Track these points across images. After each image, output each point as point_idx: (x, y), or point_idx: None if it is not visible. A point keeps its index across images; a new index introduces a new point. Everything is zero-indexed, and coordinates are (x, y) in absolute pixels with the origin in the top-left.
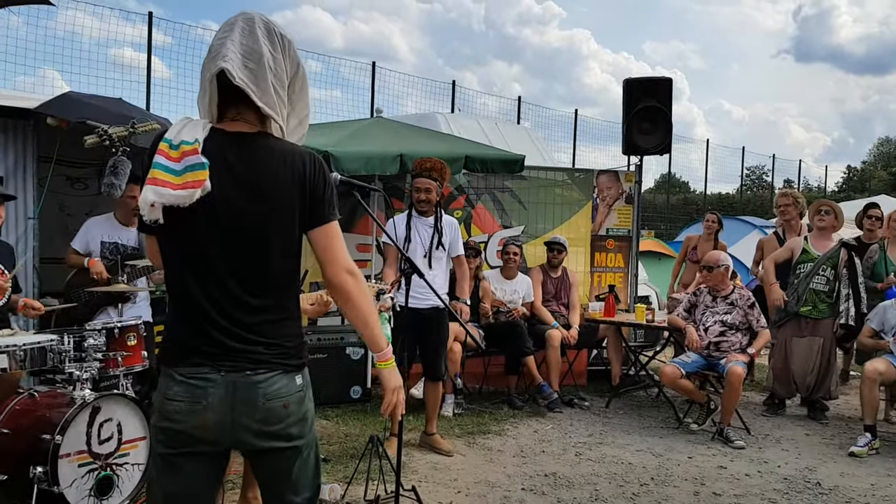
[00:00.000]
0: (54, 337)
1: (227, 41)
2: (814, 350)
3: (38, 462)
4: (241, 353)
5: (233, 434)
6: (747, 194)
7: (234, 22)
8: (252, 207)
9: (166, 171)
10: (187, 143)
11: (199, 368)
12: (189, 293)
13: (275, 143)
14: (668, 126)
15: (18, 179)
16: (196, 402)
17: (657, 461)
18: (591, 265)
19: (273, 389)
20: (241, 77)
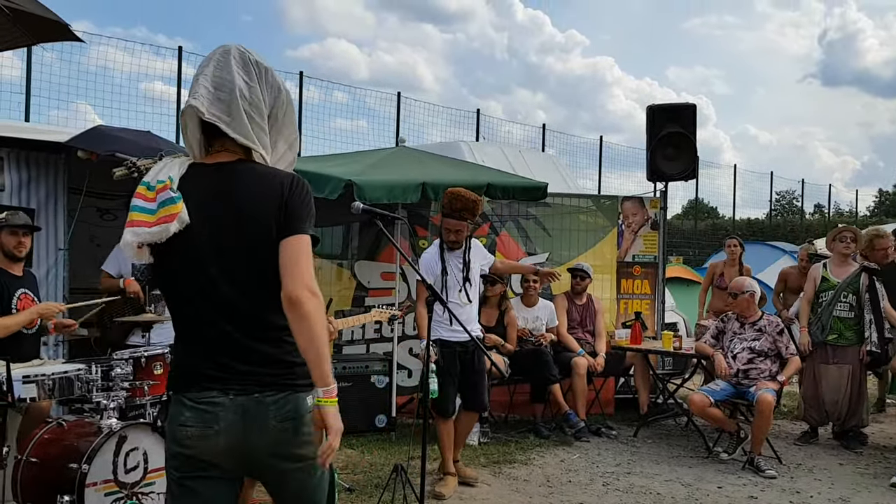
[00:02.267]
0: (82, 366)
1: (200, 77)
2: (843, 377)
3: (65, 491)
4: (249, 375)
5: (246, 458)
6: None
7: (211, 55)
8: (239, 233)
9: (142, 212)
10: (161, 181)
11: (208, 393)
12: (191, 321)
13: (255, 168)
14: (692, 152)
15: (49, 211)
16: (208, 427)
17: (686, 491)
18: (617, 292)
19: (284, 411)
20: (210, 112)
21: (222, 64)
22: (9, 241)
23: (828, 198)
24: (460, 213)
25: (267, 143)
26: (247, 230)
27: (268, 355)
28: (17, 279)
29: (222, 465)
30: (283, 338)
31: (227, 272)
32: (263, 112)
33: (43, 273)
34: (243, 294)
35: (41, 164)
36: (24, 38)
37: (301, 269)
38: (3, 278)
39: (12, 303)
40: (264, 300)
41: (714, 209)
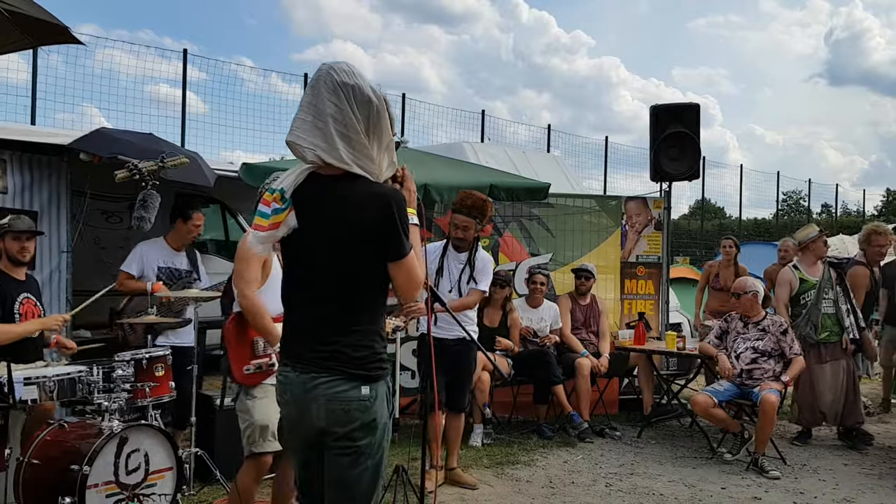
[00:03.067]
0: (83, 368)
1: (301, 108)
2: (838, 375)
3: (66, 492)
4: (313, 357)
5: (307, 429)
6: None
7: (315, 80)
8: (335, 240)
9: (261, 216)
10: (277, 190)
11: (285, 368)
12: (286, 308)
13: (358, 184)
14: (696, 152)
15: (52, 214)
16: (282, 394)
17: (690, 492)
18: (621, 292)
19: (332, 392)
20: (308, 141)
21: (316, 92)
22: (12, 247)
23: (835, 197)
24: (469, 211)
25: (372, 156)
26: (341, 238)
27: (330, 344)
28: (19, 284)
29: (299, 432)
30: (349, 331)
31: (314, 269)
32: (359, 129)
33: (46, 275)
34: (325, 291)
35: (44, 167)
36: (23, 40)
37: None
38: (6, 284)
39: (15, 308)
40: (349, 301)
41: (721, 209)
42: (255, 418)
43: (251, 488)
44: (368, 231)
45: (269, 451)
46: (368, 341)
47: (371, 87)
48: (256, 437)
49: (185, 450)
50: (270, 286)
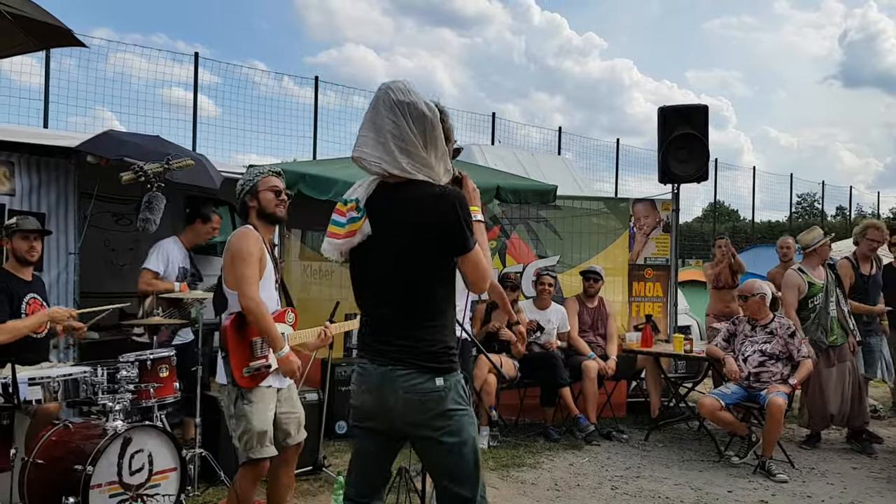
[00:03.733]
0: (87, 368)
1: (364, 124)
2: (845, 376)
3: (69, 492)
4: (388, 352)
5: (386, 418)
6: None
7: (375, 98)
8: (401, 241)
9: (336, 225)
10: (349, 200)
11: (362, 360)
12: (363, 307)
13: (424, 187)
14: (704, 153)
15: (60, 215)
16: (360, 384)
17: (696, 495)
18: (629, 295)
19: (408, 384)
20: (372, 155)
21: (375, 110)
22: (20, 246)
23: (849, 200)
24: None
25: (431, 165)
26: (408, 239)
27: (405, 338)
28: (26, 284)
29: (373, 419)
30: (422, 326)
31: (393, 272)
32: (417, 143)
33: (53, 277)
34: (397, 290)
35: (51, 169)
36: (27, 43)
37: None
38: (13, 284)
39: (21, 308)
40: (420, 298)
41: (734, 212)
42: (253, 424)
43: (250, 492)
44: (433, 229)
45: (267, 456)
46: (440, 335)
47: (425, 102)
48: (255, 444)
49: (189, 450)
50: (265, 285)
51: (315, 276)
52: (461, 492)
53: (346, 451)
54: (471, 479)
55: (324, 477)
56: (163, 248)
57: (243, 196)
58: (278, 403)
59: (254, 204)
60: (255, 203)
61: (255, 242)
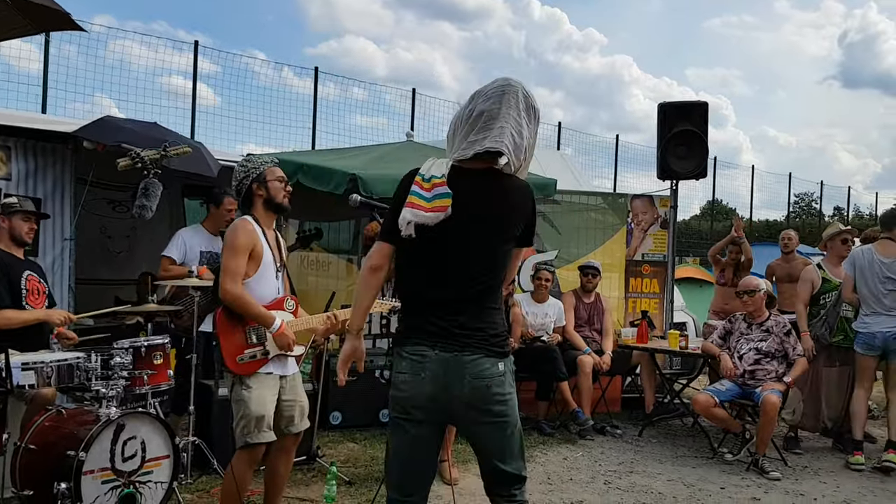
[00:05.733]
0: (81, 354)
1: (502, 116)
2: (844, 380)
3: (62, 478)
4: (457, 336)
5: (445, 405)
6: (795, 221)
7: (504, 92)
8: (489, 228)
9: (419, 198)
10: (436, 176)
11: (421, 347)
12: (422, 289)
13: (504, 180)
14: (703, 150)
15: (56, 201)
16: (418, 372)
17: (688, 492)
18: (625, 290)
19: (477, 370)
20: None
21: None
22: (21, 226)
23: (847, 200)
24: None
25: (522, 165)
26: (495, 227)
27: (471, 325)
28: (21, 262)
29: (427, 408)
30: (487, 311)
31: (458, 256)
32: (531, 148)
33: (48, 263)
34: (466, 275)
35: (48, 154)
36: (26, 27)
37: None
38: (10, 262)
39: (21, 285)
40: (490, 284)
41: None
42: (251, 409)
43: (246, 477)
44: (520, 220)
45: (264, 441)
46: (500, 320)
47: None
48: (252, 428)
49: (182, 438)
50: (264, 274)
51: (312, 267)
52: (514, 470)
53: (339, 441)
54: (522, 455)
55: (317, 467)
56: (180, 236)
57: (250, 183)
58: (282, 390)
59: (262, 192)
60: (262, 192)
61: (248, 234)
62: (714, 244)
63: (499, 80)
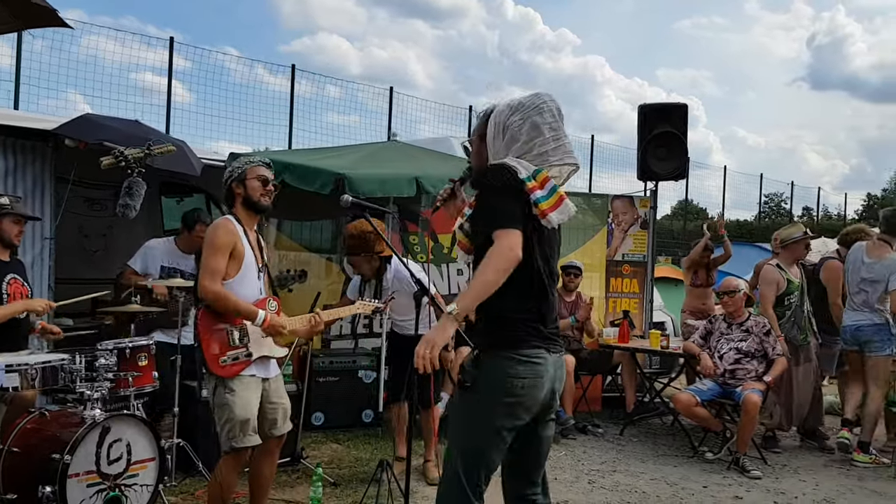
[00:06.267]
0: (66, 356)
1: (561, 134)
2: (810, 376)
3: (46, 481)
4: (557, 337)
5: (547, 407)
6: (765, 221)
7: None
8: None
9: (547, 199)
10: (539, 171)
11: (539, 350)
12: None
13: None
14: (683, 152)
15: (36, 199)
16: (540, 376)
17: (671, 490)
18: (606, 290)
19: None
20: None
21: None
22: (11, 229)
23: (816, 201)
24: (354, 250)
25: None
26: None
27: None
28: (5, 265)
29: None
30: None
31: (554, 259)
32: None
33: (28, 262)
34: (557, 278)
35: (28, 152)
36: (11, 22)
37: None
38: None
39: (2, 288)
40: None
41: (703, 210)
42: (235, 413)
43: (232, 481)
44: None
45: (249, 445)
46: None
47: None
48: (237, 432)
49: (167, 440)
50: (246, 275)
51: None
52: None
53: (322, 442)
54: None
55: (301, 468)
56: (145, 249)
57: (230, 182)
58: (265, 393)
59: (240, 191)
60: (241, 190)
61: (227, 234)
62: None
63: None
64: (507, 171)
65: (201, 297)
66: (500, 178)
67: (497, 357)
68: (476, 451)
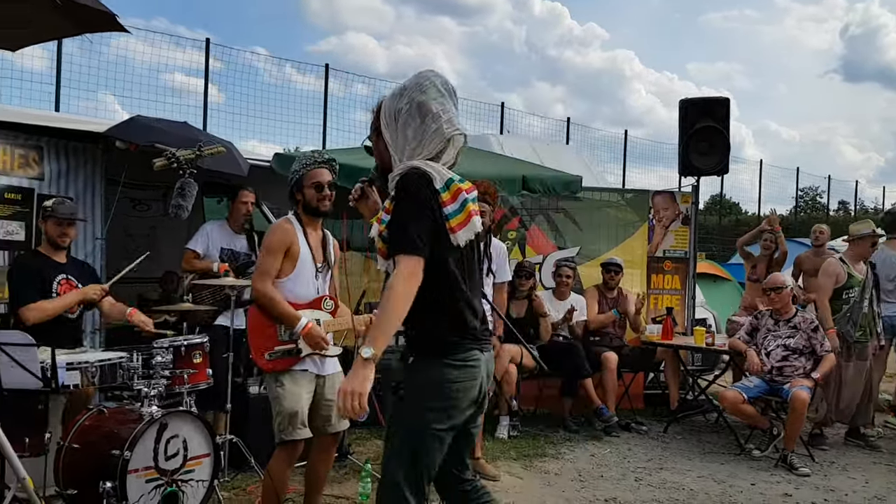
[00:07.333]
0: (124, 354)
1: (448, 107)
2: (862, 375)
3: (107, 477)
4: (488, 336)
5: (483, 398)
6: (801, 216)
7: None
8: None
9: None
10: (454, 180)
11: (474, 352)
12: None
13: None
14: (725, 146)
15: (87, 201)
16: (476, 375)
17: (720, 488)
18: (647, 287)
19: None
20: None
21: (449, 95)
22: (53, 231)
23: (854, 194)
24: (483, 196)
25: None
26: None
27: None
28: (58, 266)
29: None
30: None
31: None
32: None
33: None
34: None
35: (79, 154)
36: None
37: None
38: (44, 264)
39: (53, 288)
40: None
41: (737, 205)
42: (284, 406)
43: (284, 475)
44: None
45: (298, 438)
46: None
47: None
48: (286, 425)
49: (220, 436)
50: (301, 274)
51: None
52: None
53: (367, 438)
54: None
55: (349, 464)
56: (205, 229)
57: (291, 187)
58: (319, 389)
59: (299, 197)
60: (300, 196)
61: (283, 235)
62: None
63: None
64: (422, 179)
65: (252, 295)
66: (412, 189)
67: (432, 364)
68: (415, 456)
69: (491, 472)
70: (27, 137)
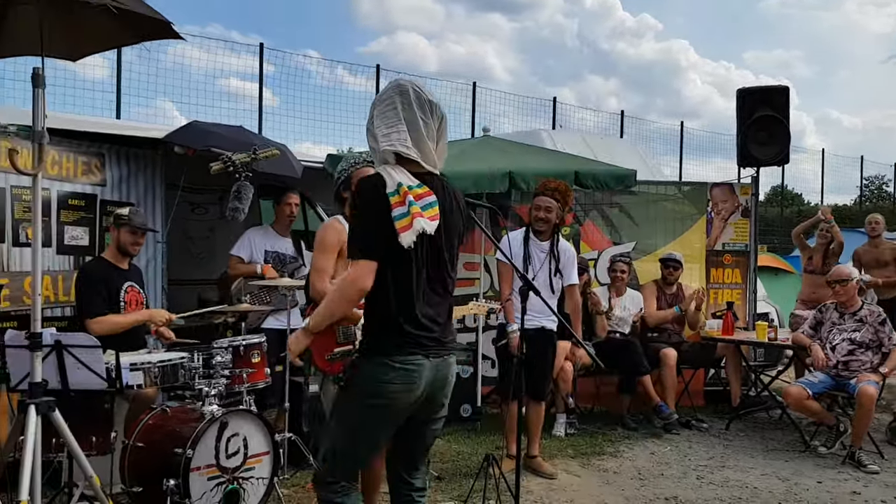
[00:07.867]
0: (185, 354)
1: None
2: None
3: (170, 475)
4: (445, 344)
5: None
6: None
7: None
8: (457, 230)
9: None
10: (412, 186)
11: (415, 357)
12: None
13: (445, 183)
14: (785, 136)
15: (148, 205)
16: (414, 381)
17: (784, 486)
18: (707, 281)
19: (453, 370)
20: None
21: (408, 107)
22: (127, 239)
23: None
24: (552, 192)
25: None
26: (454, 228)
27: (451, 330)
28: (123, 273)
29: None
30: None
31: (447, 266)
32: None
33: (143, 265)
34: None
35: (140, 160)
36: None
37: None
38: (111, 274)
39: (120, 297)
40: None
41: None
42: None
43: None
44: (466, 220)
45: None
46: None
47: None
48: None
49: (279, 434)
50: None
51: None
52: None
53: None
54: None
55: None
56: (247, 236)
57: (339, 186)
58: None
59: (346, 196)
60: (347, 195)
61: (336, 233)
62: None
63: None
64: (375, 185)
65: (311, 295)
66: (366, 196)
67: (372, 362)
68: (347, 450)
69: (548, 471)
70: (89, 145)
